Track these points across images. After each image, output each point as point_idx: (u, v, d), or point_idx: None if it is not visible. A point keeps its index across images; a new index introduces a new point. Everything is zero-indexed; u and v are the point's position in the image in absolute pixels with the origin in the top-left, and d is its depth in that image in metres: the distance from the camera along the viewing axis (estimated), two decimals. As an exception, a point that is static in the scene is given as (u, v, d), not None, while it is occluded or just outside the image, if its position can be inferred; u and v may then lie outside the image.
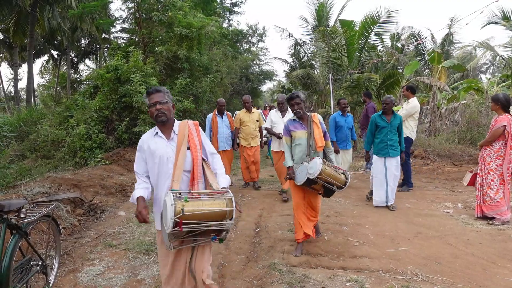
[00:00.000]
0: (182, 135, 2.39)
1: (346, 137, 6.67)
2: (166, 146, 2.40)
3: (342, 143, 6.69)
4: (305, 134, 3.72)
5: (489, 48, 15.05)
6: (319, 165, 3.41)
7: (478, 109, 10.48)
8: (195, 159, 2.35)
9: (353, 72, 14.19)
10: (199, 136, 2.47)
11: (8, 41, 21.73)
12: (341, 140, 6.67)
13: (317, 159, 3.48)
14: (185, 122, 2.47)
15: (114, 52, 11.21)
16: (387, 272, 3.40)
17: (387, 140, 5.50)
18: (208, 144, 2.55)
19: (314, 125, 3.71)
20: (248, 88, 25.80)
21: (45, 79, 33.76)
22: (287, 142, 3.84)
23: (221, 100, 7.00)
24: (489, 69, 29.77)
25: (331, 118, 6.73)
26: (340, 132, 6.66)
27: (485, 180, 4.92)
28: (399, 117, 5.61)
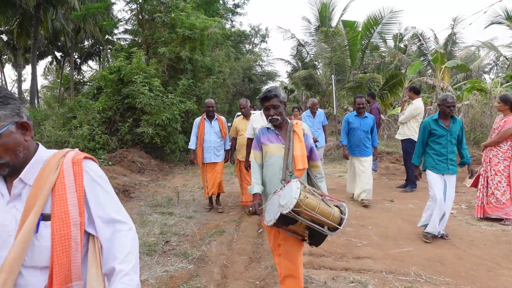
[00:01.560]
0: (40, 188, 1.15)
1: (360, 141, 5.65)
2: (4, 211, 1.15)
3: (355, 149, 5.73)
4: (281, 149, 2.56)
5: (492, 48, 15.00)
6: (295, 191, 2.15)
7: (481, 110, 10.44)
8: (58, 241, 1.13)
9: (356, 72, 14.18)
10: (81, 186, 1.20)
11: (12, 43, 21.85)
12: (354, 145, 5.74)
13: (293, 183, 2.24)
14: (58, 157, 1.22)
15: (117, 53, 11.26)
16: (390, 273, 3.38)
17: (447, 153, 4.18)
18: (109, 201, 1.26)
19: (295, 137, 2.55)
20: (251, 89, 25.85)
21: (49, 80, 33.92)
22: (256, 159, 2.70)
23: (209, 101, 5.76)
24: (492, 69, 29.61)
25: (344, 119, 5.95)
26: (353, 136, 5.76)
27: (491, 181, 4.85)
28: (459, 121, 4.33)
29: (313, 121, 6.87)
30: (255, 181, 2.65)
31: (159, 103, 9.20)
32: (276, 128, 2.63)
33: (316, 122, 6.89)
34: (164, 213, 5.43)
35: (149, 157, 9.20)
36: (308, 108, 7.08)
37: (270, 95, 2.53)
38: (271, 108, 2.55)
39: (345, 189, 7.15)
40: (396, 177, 8.05)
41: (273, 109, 2.55)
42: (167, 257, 3.85)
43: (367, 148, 5.67)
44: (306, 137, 2.61)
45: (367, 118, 5.70)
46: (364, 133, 5.65)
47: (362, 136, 5.64)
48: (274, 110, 2.55)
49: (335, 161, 10.67)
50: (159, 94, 9.38)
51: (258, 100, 6.03)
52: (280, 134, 2.61)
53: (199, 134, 5.54)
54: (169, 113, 9.13)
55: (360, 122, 5.68)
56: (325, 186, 2.69)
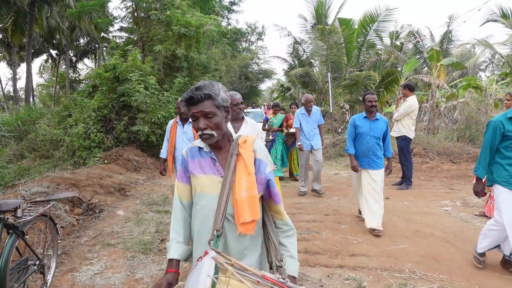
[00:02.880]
0: None
1: (369, 150, 4.44)
2: None
3: (363, 159, 4.52)
4: (218, 185, 1.55)
5: (488, 46, 15.05)
6: (203, 282, 1.19)
7: (477, 107, 10.47)
8: None
9: (352, 70, 14.20)
10: None
11: (6, 41, 21.68)
12: (361, 154, 4.53)
13: (204, 263, 1.28)
14: None
15: (113, 51, 11.21)
16: (385, 270, 3.40)
17: None
18: None
19: (239, 166, 1.54)
20: (247, 86, 25.83)
21: (44, 78, 33.71)
22: (180, 197, 1.69)
23: None
24: (488, 67, 29.79)
25: (351, 122, 4.71)
26: (361, 143, 4.54)
27: None
28: None
29: (308, 120, 6.38)
30: (173, 237, 1.64)
31: (154, 101, 9.16)
32: (212, 149, 1.62)
33: (311, 121, 6.39)
34: (160, 212, 5.42)
35: (144, 155, 9.18)
36: (302, 105, 6.59)
37: (198, 96, 1.48)
38: (201, 118, 1.50)
39: (341, 186, 7.16)
40: (391, 175, 8.06)
41: (205, 119, 1.50)
42: (162, 255, 3.84)
43: (379, 158, 4.44)
44: (260, 165, 1.56)
45: (379, 121, 4.46)
46: (375, 139, 4.44)
47: (373, 143, 4.43)
48: (206, 121, 1.50)
49: (331, 158, 10.69)
50: (154, 92, 9.35)
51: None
52: (219, 159, 1.59)
53: (170, 140, 4.49)
54: (164, 111, 9.11)
55: (370, 126, 4.46)
56: (295, 244, 1.70)
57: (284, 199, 6.13)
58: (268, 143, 7.83)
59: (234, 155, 1.55)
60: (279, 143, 7.79)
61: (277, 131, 7.69)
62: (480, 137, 9.66)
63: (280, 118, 7.79)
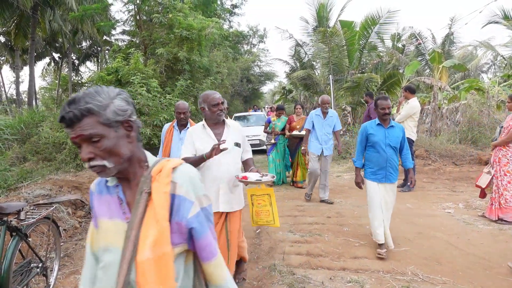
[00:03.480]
0: None
1: (386, 161, 3.82)
2: None
3: (379, 172, 3.86)
4: (123, 233, 1.06)
5: (490, 47, 15.04)
6: None
7: (479, 109, 10.45)
8: None
9: (353, 72, 14.19)
10: None
11: (9, 44, 21.79)
12: (377, 166, 3.86)
13: None
14: None
15: (115, 54, 11.25)
16: (387, 272, 3.39)
17: None
18: None
19: (149, 211, 1.05)
20: (249, 89, 25.87)
21: (47, 81, 33.82)
22: (93, 247, 1.20)
23: (181, 104, 4.14)
24: (490, 68, 29.70)
25: (362, 129, 4.04)
26: (375, 153, 3.87)
27: (500, 182, 4.75)
28: None
29: (323, 123, 5.90)
30: None
31: (156, 104, 9.18)
32: (120, 183, 1.17)
33: (326, 124, 5.90)
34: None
35: (147, 158, 9.19)
36: (318, 106, 6.12)
37: (70, 115, 1.01)
38: (83, 144, 1.05)
39: (343, 189, 7.13)
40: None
41: (88, 146, 1.05)
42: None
43: (396, 171, 3.91)
44: (180, 206, 1.08)
45: (394, 128, 3.88)
46: (392, 149, 3.86)
47: (390, 153, 3.85)
48: (90, 148, 1.05)
49: (333, 161, 10.68)
50: (156, 95, 9.37)
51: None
52: (127, 197, 1.15)
53: (165, 146, 4.12)
54: (167, 114, 9.12)
55: (385, 133, 3.86)
56: None
57: (286, 202, 6.15)
58: (270, 147, 7.69)
59: (144, 193, 1.07)
60: (280, 146, 7.60)
61: (280, 134, 7.53)
62: (483, 139, 9.64)
63: (283, 121, 7.56)
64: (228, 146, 2.66)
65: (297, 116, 7.39)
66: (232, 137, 2.86)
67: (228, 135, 2.85)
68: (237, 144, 2.89)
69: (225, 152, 2.65)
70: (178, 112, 4.09)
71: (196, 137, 2.83)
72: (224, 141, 2.63)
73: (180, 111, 4.09)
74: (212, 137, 2.81)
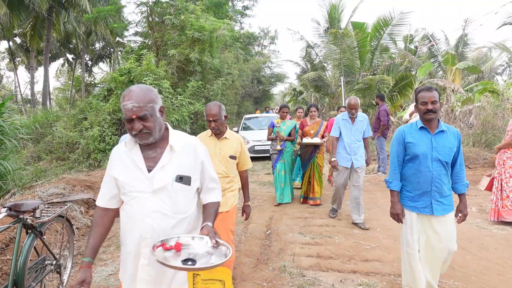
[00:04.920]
0: None
1: (433, 183, 2.64)
2: None
3: (420, 198, 2.70)
4: None
5: (505, 49, 14.80)
6: None
7: (493, 112, 10.28)
8: None
9: (365, 74, 14.11)
10: None
11: (25, 45, 22.25)
12: (420, 191, 2.69)
13: None
14: None
15: (128, 55, 11.38)
16: (399, 276, 3.35)
17: None
18: None
19: None
20: (260, 90, 25.88)
21: (61, 82, 34.38)
22: None
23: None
24: (505, 70, 29.18)
25: (396, 136, 2.83)
26: (415, 171, 2.70)
27: (506, 184, 4.75)
28: None
29: (351, 129, 4.91)
30: None
31: (168, 105, 9.27)
32: None
33: (355, 130, 4.90)
34: (172, 214, 5.46)
35: (158, 158, 9.29)
36: (345, 110, 5.21)
37: None
38: None
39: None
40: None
41: None
42: (175, 257, 3.87)
43: (446, 196, 2.67)
44: None
45: (445, 134, 2.65)
46: (441, 165, 2.63)
47: (437, 171, 2.62)
48: None
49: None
50: (168, 96, 9.46)
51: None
52: None
53: None
54: (178, 115, 9.20)
55: (432, 142, 2.63)
56: None
57: (295, 204, 6.13)
58: (275, 156, 6.24)
59: None
60: (287, 155, 6.19)
61: (287, 140, 6.11)
62: (497, 142, 9.48)
63: (290, 124, 6.17)
64: (161, 180, 1.63)
65: (311, 120, 6.14)
66: (177, 165, 1.68)
67: (168, 162, 1.66)
68: (182, 178, 1.67)
69: (158, 189, 1.62)
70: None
71: (116, 163, 1.74)
72: None
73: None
74: (138, 163, 1.66)
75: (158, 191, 1.63)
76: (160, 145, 1.70)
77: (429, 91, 2.62)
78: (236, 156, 3.02)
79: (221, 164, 2.95)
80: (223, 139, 3.01)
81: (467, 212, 2.77)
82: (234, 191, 3.11)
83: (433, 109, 2.57)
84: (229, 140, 3.03)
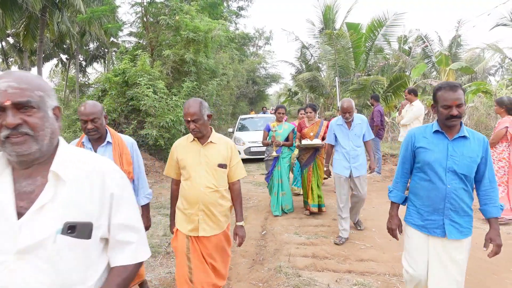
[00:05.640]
0: None
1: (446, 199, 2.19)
2: None
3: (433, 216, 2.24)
4: None
5: (497, 50, 14.93)
6: None
7: (486, 112, 10.39)
8: None
9: (359, 74, 14.16)
10: None
11: (18, 45, 22.06)
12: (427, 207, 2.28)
13: None
14: None
15: (122, 55, 11.33)
16: (394, 276, 3.37)
17: None
18: None
19: None
20: (255, 91, 25.90)
21: (54, 82, 34.18)
22: None
23: (87, 106, 2.52)
24: (498, 71, 29.46)
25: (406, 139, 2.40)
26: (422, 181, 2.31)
27: None
28: None
29: (348, 134, 4.36)
30: None
31: (163, 105, 9.23)
32: None
33: (353, 136, 4.36)
34: (167, 215, 5.44)
35: (153, 159, 9.25)
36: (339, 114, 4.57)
37: None
38: None
39: None
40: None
41: None
42: (170, 258, 3.86)
43: (464, 217, 2.24)
44: None
45: (468, 140, 2.18)
46: (458, 178, 2.17)
47: (453, 185, 2.18)
48: None
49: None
50: (163, 96, 9.42)
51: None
52: None
53: None
54: (173, 115, 9.17)
55: (448, 149, 2.18)
56: None
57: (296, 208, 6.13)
58: (270, 162, 5.67)
59: None
60: (284, 162, 5.62)
61: (284, 146, 5.57)
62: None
63: (287, 128, 5.61)
64: (35, 233, 0.98)
65: (310, 121, 5.58)
66: (65, 206, 1.03)
67: (49, 201, 1.01)
68: (73, 228, 1.02)
69: (28, 249, 0.97)
70: (83, 119, 2.47)
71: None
72: None
73: (84, 115, 2.45)
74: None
75: (28, 252, 0.96)
76: (43, 171, 1.04)
77: (454, 91, 2.06)
78: (225, 164, 2.51)
79: (208, 175, 2.45)
80: (208, 144, 2.49)
81: (501, 241, 2.21)
82: (226, 208, 2.59)
83: (458, 115, 2.05)
84: (215, 145, 2.51)
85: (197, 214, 2.47)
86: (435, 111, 2.20)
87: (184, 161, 2.50)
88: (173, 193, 2.78)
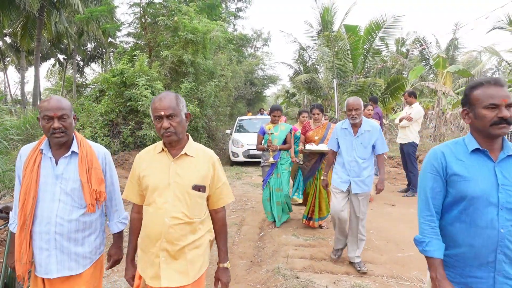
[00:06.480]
0: None
1: (499, 247, 1.47)
2: None
3: (480, 272, 1.53)
4: None
5: (494, 53, 15.01)
6: None
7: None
8: None
9: (357, 76, 14.20)
10: None
11: (15, 45, 22.00)
12: (476, 261, 1.54)
13: None
14: None
15: (120, 56, 11.32)
16: (391, 277, 3.38)
17: None
18: None
19: None
20: (253, 92, 25.90)
21: (51, 82, 34.05)
22: None
23: (53, 99, 1.85)
24: (494, 74, 29.62)
25: (431, 157, 1.64)
26: (459, 223, 1.57)
27: None
28: None
29: (352, 142, 3.58)
30: None
31: (161, 106, 9.23)
32: None
33: (358, 145, 3.56)
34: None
35: (151, 160, 9.25)
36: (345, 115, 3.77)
37: None
38: None
39: None
40: (397, 182, 8.04)
41: None
42: (168, 260, 3.84)
43: None
44: None
45: None
46: None
47: (508, 229, 1.46)
48: None
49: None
50: (161, 97, 9.42)
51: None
52: None
53: (25, 193, 1.86)
54: (171, 116, 9.17)
55: (497, 176, 1.50)
56: None
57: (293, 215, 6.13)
58: (266, 169, 4.98)
59: None
60: (282, 168, 4.92)
61: (281, 149, 4.92)
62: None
63: (284, 129, 4.96)
64: None
65: (315, 123, 4.92)
66: None
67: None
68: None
69: None
70: (44, 120, 1.87)
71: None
72: None
73: (48, 112, 1.84)
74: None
75: None
76: None
77: (500, 86, 1.49)
78: (204, 185, 1.81)
79: (178, 201, 1.75)
80: (182, 158, 1.80)
81: None
82: (202, 246, 1.84)
83: (510, 119, 1.45)
84: (192, 158, 1.82)
85: (157, 255, 1.74)
86: (468, 120, 1.61)
87: (147, 179, 1.79)
88: (134, 224, 1.93)
